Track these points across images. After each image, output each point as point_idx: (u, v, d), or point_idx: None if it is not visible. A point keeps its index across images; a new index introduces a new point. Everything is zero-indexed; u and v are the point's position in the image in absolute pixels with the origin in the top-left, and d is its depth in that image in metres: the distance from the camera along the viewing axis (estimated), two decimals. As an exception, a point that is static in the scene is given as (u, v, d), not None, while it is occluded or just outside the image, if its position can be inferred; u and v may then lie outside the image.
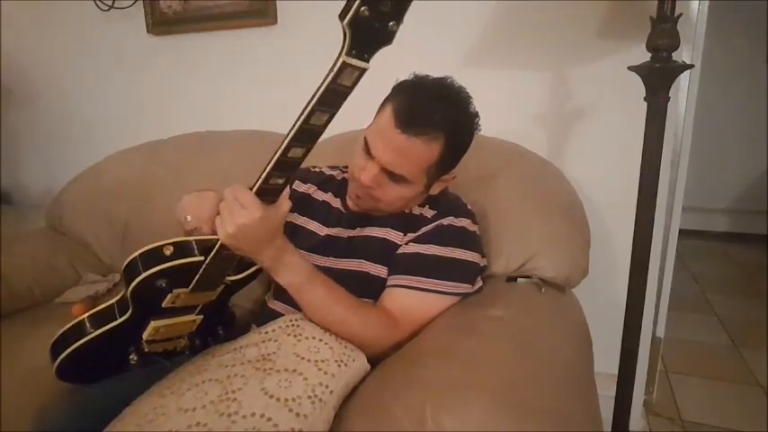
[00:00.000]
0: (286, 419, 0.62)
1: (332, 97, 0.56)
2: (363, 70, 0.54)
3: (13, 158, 2.01)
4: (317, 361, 0.71)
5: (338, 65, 0.53)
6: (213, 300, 0.80)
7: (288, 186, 0.68)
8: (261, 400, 0.64)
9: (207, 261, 0.72)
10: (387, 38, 0.52)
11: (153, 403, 0.68)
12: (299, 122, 0.58)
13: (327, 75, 0.54)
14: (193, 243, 0.74)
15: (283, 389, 0.66)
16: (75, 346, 0.75)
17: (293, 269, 0.76)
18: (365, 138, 0.83)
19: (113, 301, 0.77)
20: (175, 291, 0.74)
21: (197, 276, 0.74)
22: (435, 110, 0.78)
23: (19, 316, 1.19)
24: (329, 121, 0.59)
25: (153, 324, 0.75)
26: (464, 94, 0.83)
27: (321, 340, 0.75)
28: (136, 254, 0.72)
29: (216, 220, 0.70)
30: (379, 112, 0.83)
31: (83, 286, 1.32)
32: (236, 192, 0.67)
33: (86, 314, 0.77)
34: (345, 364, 0.73)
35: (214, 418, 0.62)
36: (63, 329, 0.77)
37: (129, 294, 0.72)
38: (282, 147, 0.60)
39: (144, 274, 0.70)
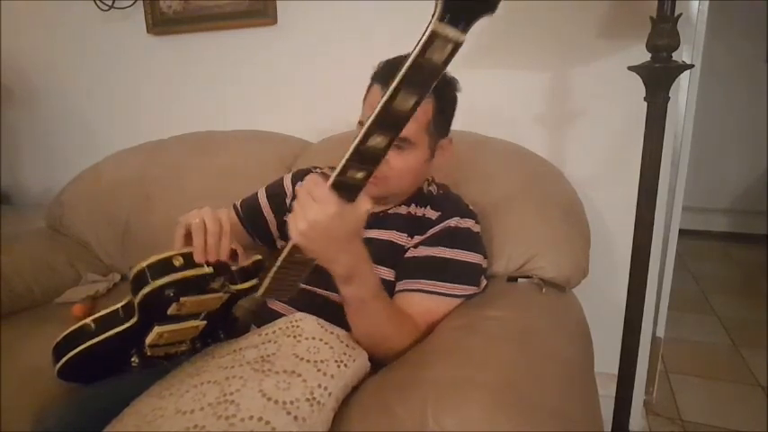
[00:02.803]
0: (284, 423, 0.62)
1: (419, 75, 0.47)
2: (457, 44, 0.45)
3: (13, 158, 2.01)
4: (316, 362, 0.71)
5: (427, 34, 0.44)
6: (218, 307, 0.80)
7: (365, 184, 0.58)
8: (258, 403, 0.63)
9: (278, 264, 0.65)
10: (490, 4, 0.44)
11: (152, 404, 0.68)
12: (381, 104, 0.49)
13: (415, 47, 0.45)
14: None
15: (281, 391, 0.65)
16: (79, 350, 0.75)
17: (366, 282, 0.71)
18: (359, 123, 0.85)
19: (119, 305, 0.76)
20: (182, 299, 0.72)
21: (264, 285, 0.68)
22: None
23: (19, 316, 1.18)
24: (416, 106, 0.49)
25: (157, 330, 0.74)
26: None
27: (321, 340, 0.75)
28: (144, 263, 0.69)
29: (289, 218, 0.63)
30: (367, 93, 0.86)
31: (83, 286, 1.32)
32: (310, 185, 0.60)
33: (91, 318, 0.76)
34: (345, 365, 0.72)
35: (212, 420, 0.62)
36: (67, 331, 0.76)
37: (136, 303, 0.72)
38: (362, 133, 0.51)
39: (153, 285, 0.69)
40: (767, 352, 1.86)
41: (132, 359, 0.78)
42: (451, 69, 1.34)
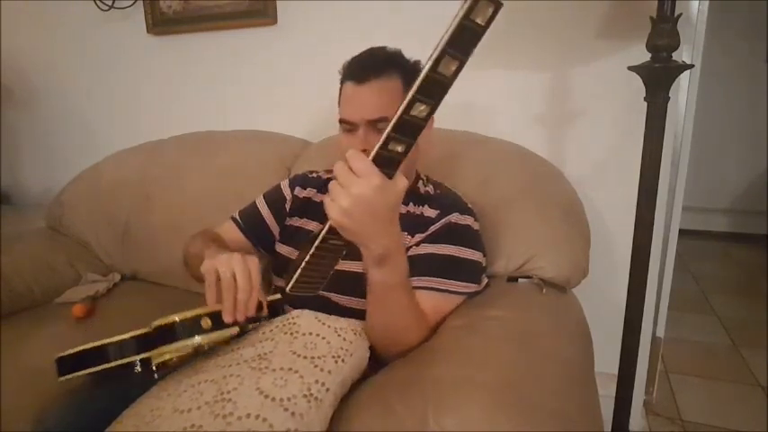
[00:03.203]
0: (281, 419, 0.62)
1: (463, 38, 0.47)
2: (498, 6, 0.46)
3: (13, 158, 2.01)
4: (313, 357, 0.71)
5: None
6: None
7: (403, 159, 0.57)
8: (256, 400, 0.63)
9: (311, 252, 0.62)
10: None
11: (150, 405, 0.68)
12: (425, 70, 0.48)
13: (459, 10, 0.45)
14: None
15: (278, 388, 0.65)
16: (87, 372, 0.75)
17: (398, 267, 0.69)
18: (340, 122, 0.87)
19: (134, 334, 0.75)
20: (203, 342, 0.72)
21: (294, 278, 0.65)
22: (377, 56, 0.86)
23: (19, 316, 1.18)
24: (457, 72, 0.50)
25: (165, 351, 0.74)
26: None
27: (318, 335, 0.75)
28: (177, 318, 0.70)
29: (325, 200, 0.60)
30: (340, 93, 0.89)
31: (83, 286, 1.32)
32: (350, 159, 0.56)
33: (107, 342, 0.75)
34: (342, 360, 0.72)
35: (209, 419, 0.62)
36: (79, 349, 0.75)
37: (154, 351, 0.72)
38: (405, 102, 0.50)
39: (180, 344, 0.70)
40: (767, 352, 1.86)
41: (136, 367, 0.77)
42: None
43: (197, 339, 0.70)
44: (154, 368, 0.75)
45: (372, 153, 0.55)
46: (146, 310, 1.19)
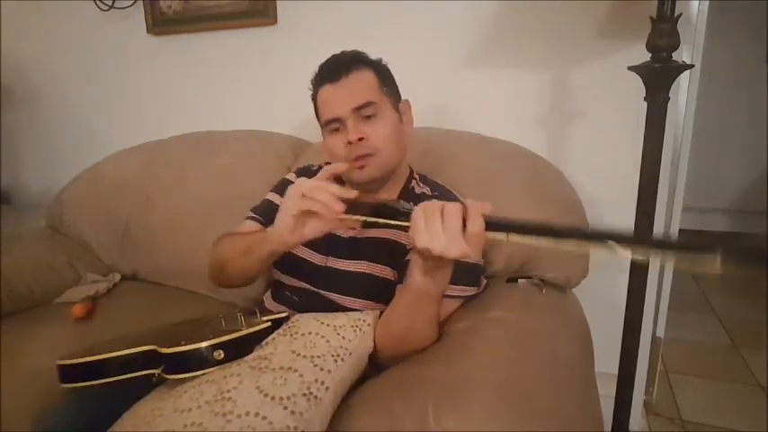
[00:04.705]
0: (281, 417, 0.62)
1: None
2: None
3: (13, 158, 2.01)
4: (312, 357, 0.71)
5: None
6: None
7: None
8: (255, 399, 0.64)
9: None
10: None
11: (151, 406, 0.68)
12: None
13: None
14: (246, 336, 0.74)
15: (278, 387, 0.66)
16: (93, 383, 0.76)
17: (446, 278, 0.71)
18: (325, 125, 0.89)
19: (141, 350, 0.75)
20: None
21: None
22: (344, 56, 0.90)
23: (19, 316, 1.19)
24: None
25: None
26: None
27: (318, 334, 0.75)
28: (190, 348, 0.70)
29: (417, 229, 0.61)
30: (316, 107, 0.93)
31: (83, 286, 1.32)
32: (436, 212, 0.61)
33: (112, 355, 0.75)
34: (342, 359, 0.72)
35: (209, 417, 0.62)
36: (84, 360, 0.76)
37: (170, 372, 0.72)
38: None
39: (191, 374, 0.70)
40: (767, 352, 1.86)
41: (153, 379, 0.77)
42: (452, 69, 1.34)
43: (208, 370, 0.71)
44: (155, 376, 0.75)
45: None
46: (146, 310, 1.21)
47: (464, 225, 0.60)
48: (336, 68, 0.87)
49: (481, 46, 1.30)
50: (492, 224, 0.60)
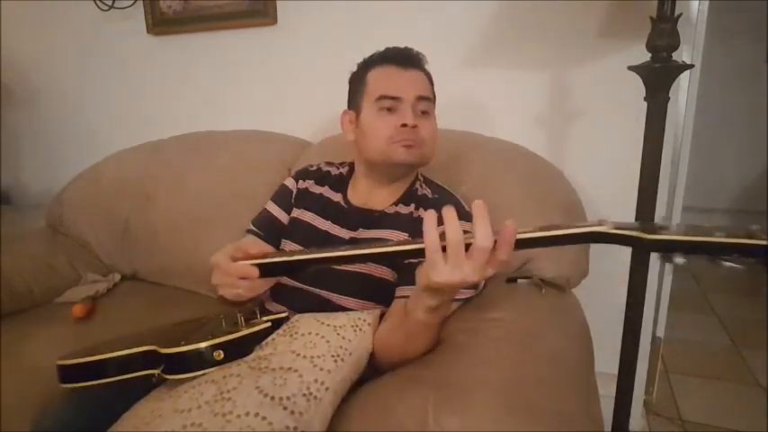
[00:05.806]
0: (280, 417, 0.62)
1: None
2: None
3: (13, 158, 2.01)
4: (312, 357, 0.71)
5: None
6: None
7: None
8: (255, 399, 0.64)
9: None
10: None
11: (151, 406, 0.68)
12: None
13: None
14: (246, 337, 0.74)
15: (278, 387, 0.66)
16: (93, 383, 0.76)
17: (446, 311, 0.73)
18: (379, 99, 0.89)
19: (141, 350, 0.75)
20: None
21: None
22: (413, 51, 0.94)
23: (19, 316, 1.19)
24: None
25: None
26: None
27: (317, 334, 0.75)
28: (190, 348, 0.71)
29: (435, 265, 0.58)
30: (364, 83, 0.92)
31: (83, 286, 1.32)
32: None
33: (112, 355, 0.75)
34: (342, 359, 0.72)
35: (209, 417, 0.62)
36: (84, 360, 0.76)
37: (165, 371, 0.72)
38: None
39: (191, 374, 0.71)
40: (767, 352, 1.86)
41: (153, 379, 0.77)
42: (452, 69, 1.35)
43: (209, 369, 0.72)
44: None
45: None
46: (146, 310, 1.21)
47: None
48: (408, 57, 0.92)
49: (481, 46, 1.30)
50: (519, 242, 0.56)
